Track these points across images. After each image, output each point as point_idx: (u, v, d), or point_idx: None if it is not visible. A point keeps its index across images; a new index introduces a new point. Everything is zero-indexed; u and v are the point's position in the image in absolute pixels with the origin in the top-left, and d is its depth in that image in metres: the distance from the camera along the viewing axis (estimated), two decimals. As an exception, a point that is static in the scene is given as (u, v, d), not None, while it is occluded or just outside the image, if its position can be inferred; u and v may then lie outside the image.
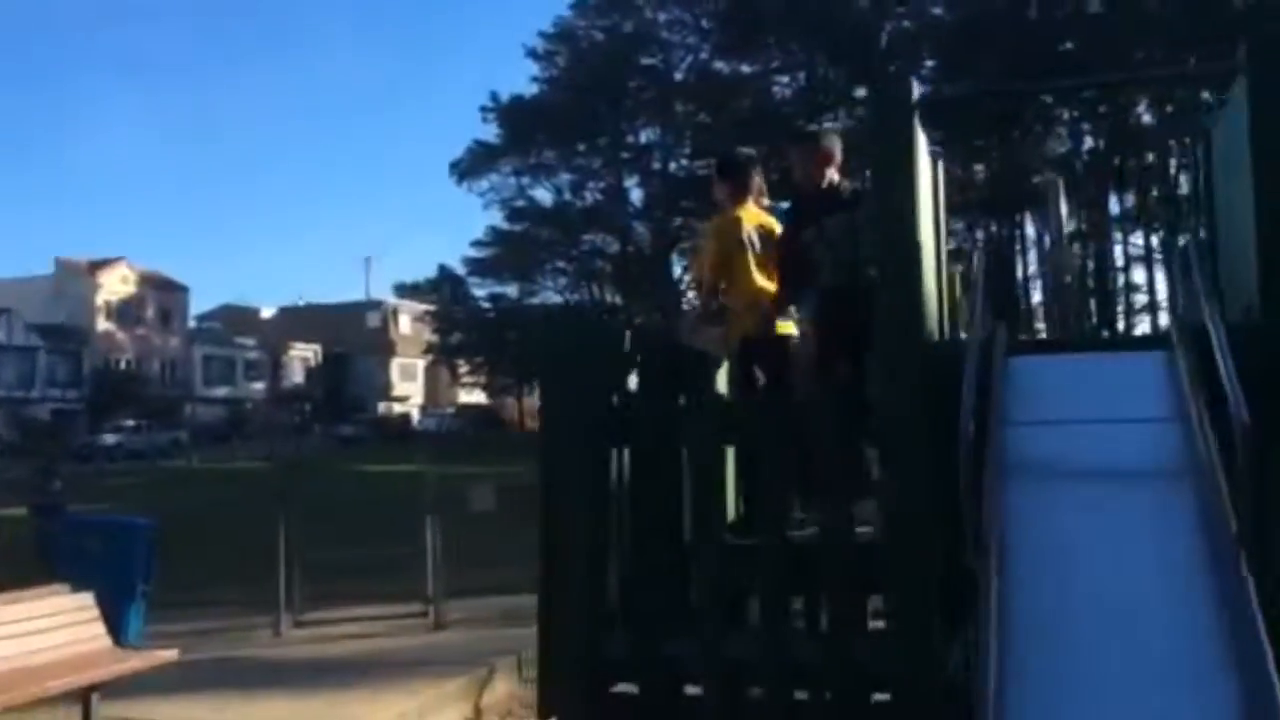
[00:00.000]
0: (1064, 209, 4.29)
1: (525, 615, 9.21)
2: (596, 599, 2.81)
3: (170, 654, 6.21)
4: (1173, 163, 44.51)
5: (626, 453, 3.05)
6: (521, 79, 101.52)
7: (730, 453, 3.41)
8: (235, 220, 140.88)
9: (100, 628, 6.32)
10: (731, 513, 3.72)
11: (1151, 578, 2.59)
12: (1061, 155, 54.24)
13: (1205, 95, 32.99)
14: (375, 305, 77.68)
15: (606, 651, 2.86)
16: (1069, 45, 49.19)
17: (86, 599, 6.38)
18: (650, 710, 2.83)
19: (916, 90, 2.83)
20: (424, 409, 71.75)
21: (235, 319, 73.49)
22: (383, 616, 8.87)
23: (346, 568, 10.51)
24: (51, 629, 6.12)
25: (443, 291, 62.19)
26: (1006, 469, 2.70)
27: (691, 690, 2.97)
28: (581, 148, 58.62)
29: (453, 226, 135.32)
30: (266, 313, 78.38)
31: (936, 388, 2.70)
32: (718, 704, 2.80)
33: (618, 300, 59.22)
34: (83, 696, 5.91)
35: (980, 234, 54.67)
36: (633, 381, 3.22)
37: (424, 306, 68.65)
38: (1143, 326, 48.65)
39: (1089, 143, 54.15)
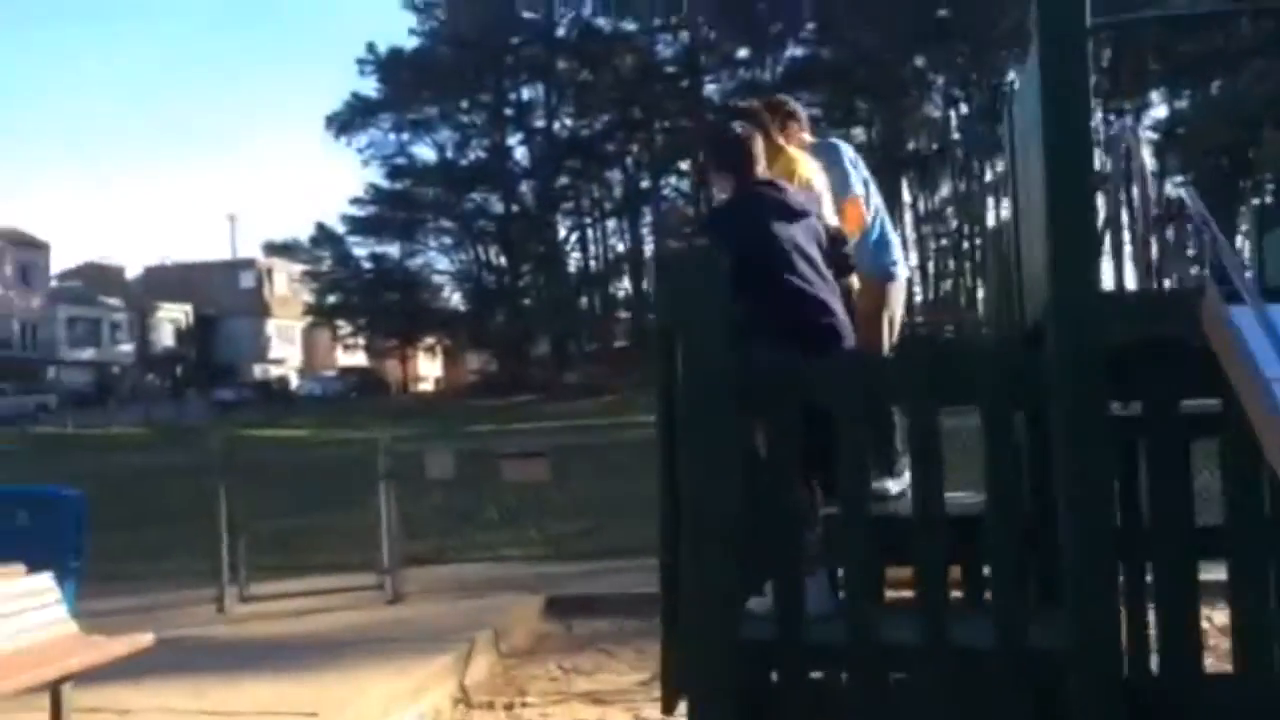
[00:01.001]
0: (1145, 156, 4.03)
1: (481, 585, 9.08)
2: (739, 580, 2.68)
3: (147, 638, 5.81)
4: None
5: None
6: (400, 31, 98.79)
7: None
8: (95, 175, 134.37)
9: (63, 610, 5.90)
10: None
11: None
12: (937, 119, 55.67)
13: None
14: (248, 265, 75.13)
15: (749, 633, 2.73)
16: (944, 13, 50.25)
17: (45, 580, 5.94)
18: (792, 695, 2.72)
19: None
20: (302, 372, 69.93)
21: (99, 278, 70.14)
22: (335, 589, 8.56)
23: (291, 538, 10.15)
24: (10, 614, 5.67)
25: (321, 250, 60.53)
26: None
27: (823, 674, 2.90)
28: (464, 104, 57.63)
29: (326, 184, 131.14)
30: (131, 272, 75.24)
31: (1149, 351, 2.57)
32: (865, 690, 2.70)
33: (502, 261, 58.55)
34: (52, 688, 5.47)
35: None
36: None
37: (300, 266, 66.75)
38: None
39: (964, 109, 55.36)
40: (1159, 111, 48.11)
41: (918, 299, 54.09)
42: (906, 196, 54.61)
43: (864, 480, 2.95)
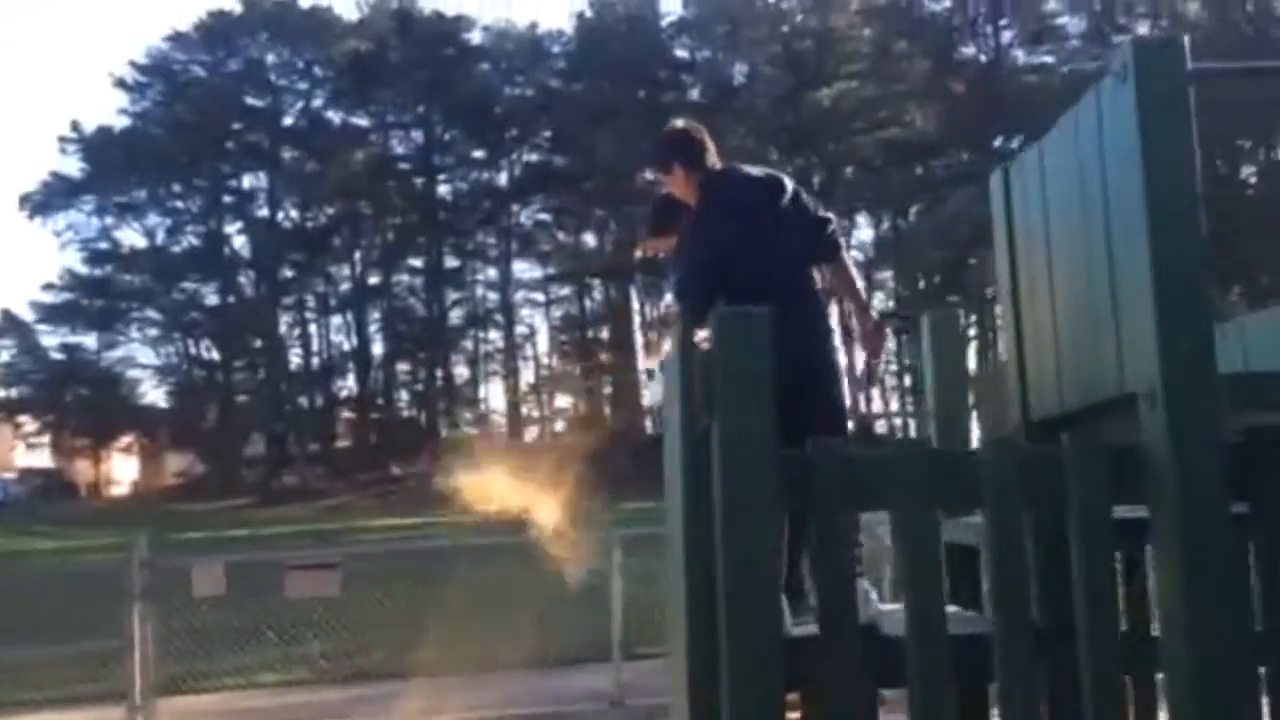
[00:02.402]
0: None
1: (253, 715, 7.88)
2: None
3: None
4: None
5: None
6: (109, 110, 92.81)
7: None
8: None
9: None
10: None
11: None
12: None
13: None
14: (-89, 352, 66.99)
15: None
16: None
17: None
18: None
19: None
20: (-28, 472, 62.54)
21: None
22: (71, 730, 7.18)
23: (18, 670, 8.50)
24: None
25: (4, 339, 54.89)
26: None
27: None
28: (178, 188, 54.42)
29: (14, 269, 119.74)
30: None
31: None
32: None
33: (214, 355, 55.07)
34: None
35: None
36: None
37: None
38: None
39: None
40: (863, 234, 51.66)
41: (645, 399, 55.19)
42: (635, 303, 55.84)
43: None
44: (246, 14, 53.99)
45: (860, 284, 4.05)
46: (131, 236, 54.81)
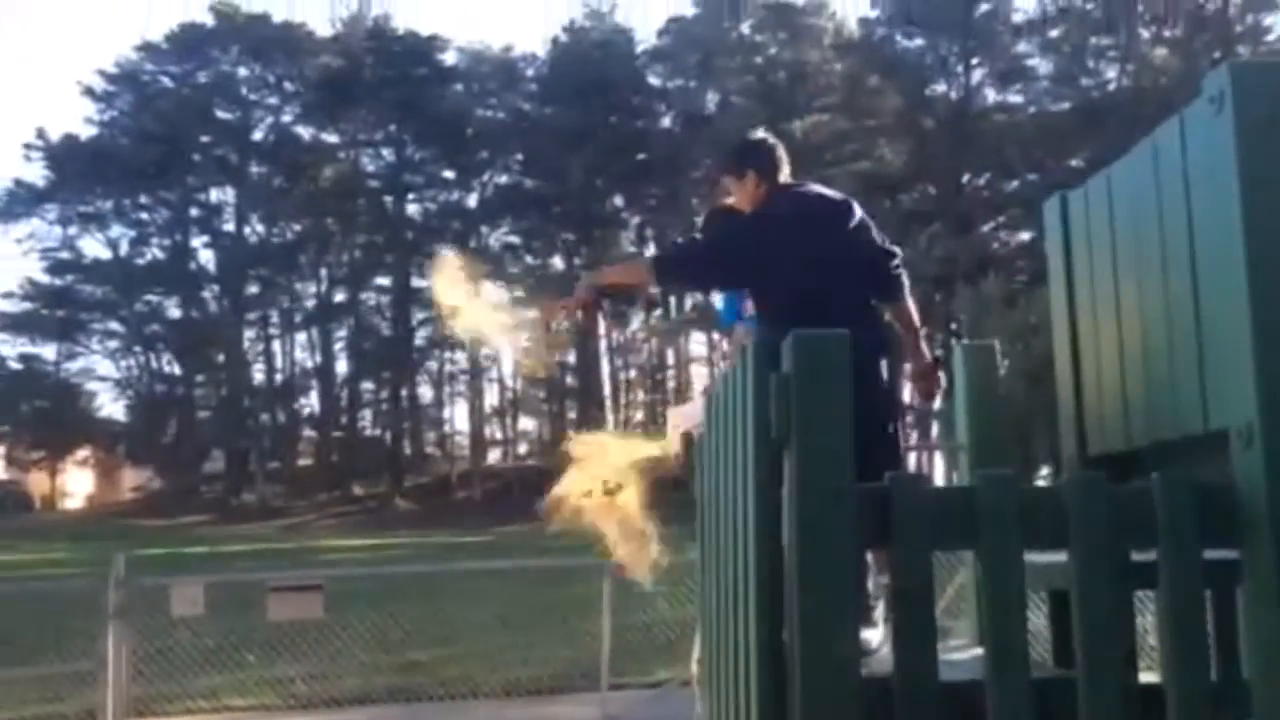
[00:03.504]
0: None
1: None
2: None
3: None
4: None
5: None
6: (75, 118, 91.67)
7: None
8: None
9: None
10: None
11: None
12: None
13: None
14: None
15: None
16: (643, 156, 52.44)
17: None
18: None
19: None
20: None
21: None
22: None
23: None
24: None
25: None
26: None
27: None
28: (144, 199, 53.80)
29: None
30: None
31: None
32: None
33: (175, 369, 54.34)
34: None
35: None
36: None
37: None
38: None
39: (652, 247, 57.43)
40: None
41: (609, 428, 54.93)
42: (602, 328, 55.58)
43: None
44: (219, 27, 53.62)
45: (918, 322, 3.90)
46: (95, 247, 54.24)
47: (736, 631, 2.60)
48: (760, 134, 3.94)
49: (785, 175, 3.78)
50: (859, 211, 3.65)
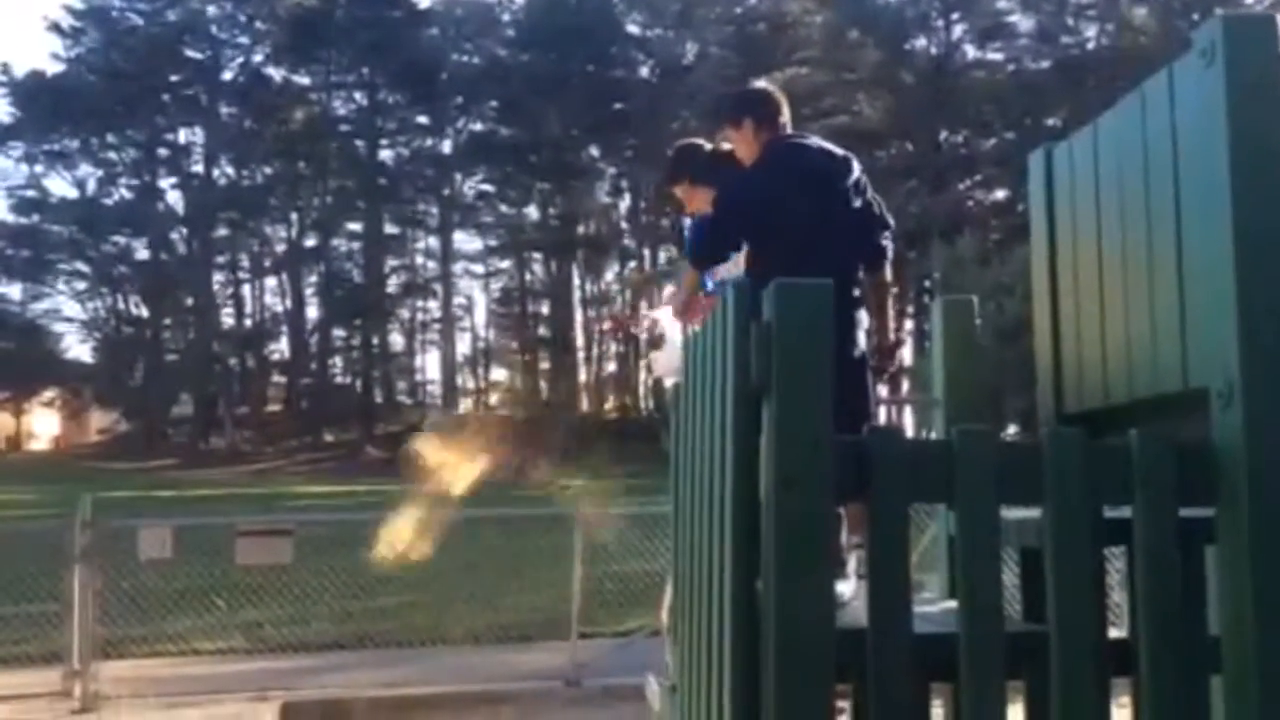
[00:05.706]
0: None
1: (197, 686, 7.60)
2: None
3: None
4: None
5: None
6: (41, 54, 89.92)
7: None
8: None
9: None
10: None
11: None
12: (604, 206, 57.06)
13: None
14: None
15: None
16: (620, 106, 51.90)
17: None
18: None
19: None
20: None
21: None
22: (4, 695, 6.85)
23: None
24: None
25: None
26: None
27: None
28: (111, 139, 52.88)
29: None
30: None
31: None
32: None
33: (143, 312, 53.73)
34: None
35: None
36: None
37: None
38: None
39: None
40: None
41: (581, 379, 54.99)
42: (576, 279, 55.46)
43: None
44: (188, -37, 52.57)
45: (891, 301, 3.92)
46: (61, 186, 53.39)
47: (710, 580, 2.59)
48: (760, 84, 3.98)
49: (785, 123, 3.76)
50: (857, 169, 3.64)
